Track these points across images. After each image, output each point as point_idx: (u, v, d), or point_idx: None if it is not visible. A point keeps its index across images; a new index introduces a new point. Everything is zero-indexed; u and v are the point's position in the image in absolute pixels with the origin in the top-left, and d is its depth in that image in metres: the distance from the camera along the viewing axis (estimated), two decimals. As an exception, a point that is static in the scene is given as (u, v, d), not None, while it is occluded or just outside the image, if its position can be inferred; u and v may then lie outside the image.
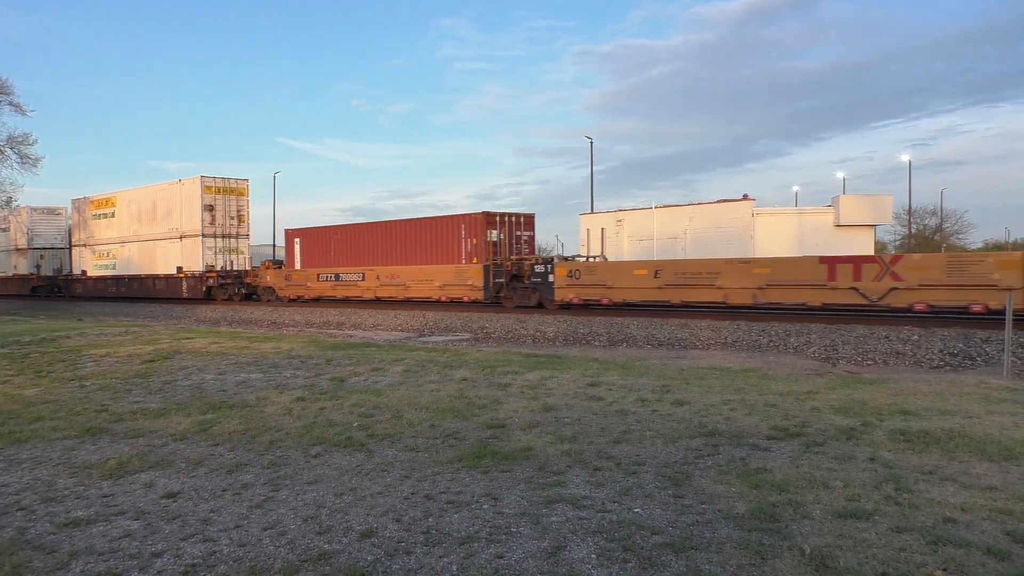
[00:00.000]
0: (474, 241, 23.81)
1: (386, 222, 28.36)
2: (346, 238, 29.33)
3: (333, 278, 27.60)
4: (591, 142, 46.32)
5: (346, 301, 27.21)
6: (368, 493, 4.76)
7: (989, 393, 7.93)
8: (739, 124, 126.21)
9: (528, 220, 25.40)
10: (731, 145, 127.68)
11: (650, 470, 5.11)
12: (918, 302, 14.41)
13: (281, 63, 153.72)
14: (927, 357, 12.39)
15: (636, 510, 4.30)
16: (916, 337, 13.32)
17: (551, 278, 20.52)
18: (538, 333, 17.74)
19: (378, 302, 25.98)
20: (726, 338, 15.17)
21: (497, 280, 22.03)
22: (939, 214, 59.80)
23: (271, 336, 16.42)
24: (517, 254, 23.86)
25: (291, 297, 29.37)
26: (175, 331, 17.85)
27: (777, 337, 14.67)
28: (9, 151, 39.56)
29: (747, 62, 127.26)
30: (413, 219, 27.14)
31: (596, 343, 16.17)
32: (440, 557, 3.69)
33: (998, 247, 53.83)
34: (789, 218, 30.68)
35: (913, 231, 56.62)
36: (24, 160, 40.22)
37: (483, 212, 24.15)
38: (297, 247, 31.71)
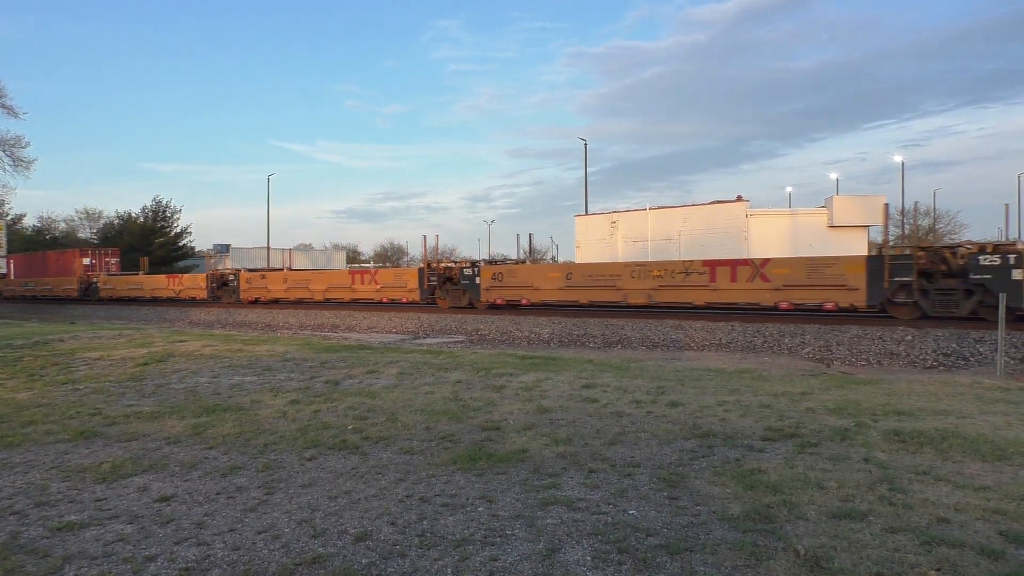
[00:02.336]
0: (75, 263, 40.27)
1: (44, 252, 46.56)
2: (30, 260, 45.41)
3: (23, 285, 43.59)
4: (585, 144, 46.46)
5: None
6: (363, 496, 4.75)
7: (983, 393, 7.96)
8: (732, 125, 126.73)
9: (114, 251, 43.18)
10: (725, 146, 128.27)
11: (645, 472, 5.11)
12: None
13: (274, 64, 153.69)
14: (921, 357, 12.44)
15: (631, 512, 4.30)
16: (910, 338, 13.37)
17: None
18: (533, 335, 17.74)
19: (42, 299, 41.78)
20: (720, 339, 15.20)
21: (83, 285, 38.17)
22: (933, 214, 60.07)
23: (265, 338, 16.38)
24: (106, 271, 39.93)
25: (7, 296, 44.74)
26: (169, 334, 17.79)
27: (771, 338, 14.70)
28: (1, 153, 39.42)
29: (740, 63, 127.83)
30: (55, 251, 45.99)
31: (591, 344, 16.18)
32: (435, 560, 3.68)
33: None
34: (783, 219, 30.77)
35: (906, 232, 56.80)
36: (16, 163, 40.16)
37: (78, 249, 43.37)
38: (11, 264, 45.60)
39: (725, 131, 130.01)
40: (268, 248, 59.58)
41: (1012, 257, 13.98)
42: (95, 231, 64.95)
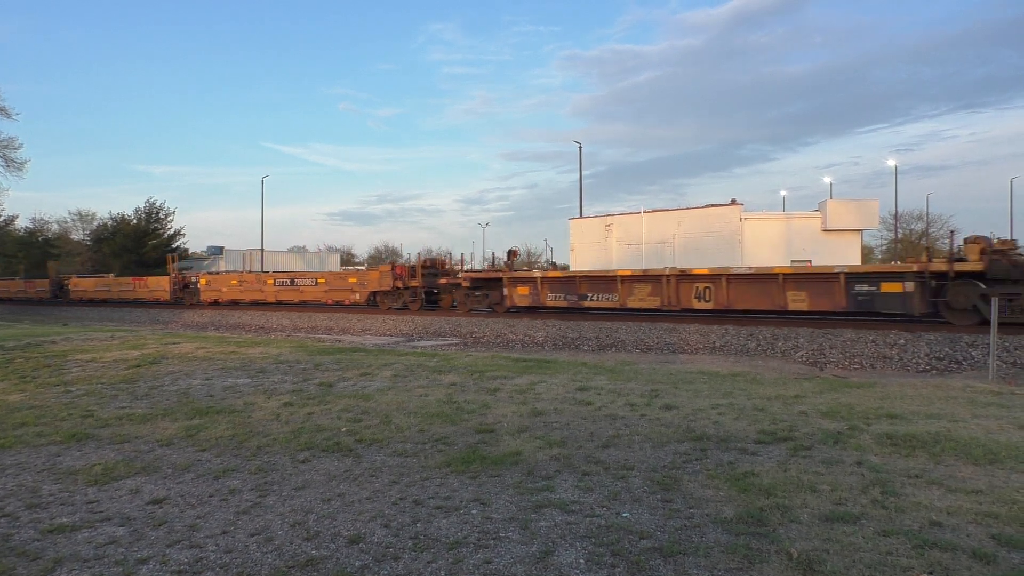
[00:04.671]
0: None
1: None
2: None
3: None
4: (579, 147, 46.50)
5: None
6: (356, 498, 4.74)
7: (975, 397, 8.00)
8: (726, 129, 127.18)
9: None
10: (718, 149, 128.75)
11: (639, 474, 5.12)
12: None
13: (268, 67, 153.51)
14: (913, 361, 12.48)
15: (625, 514, 4.30)
16: (903, 341, 13.42)
17: None
18: (527, 337, 17.73)
19: None
20: (714, 342, 15.22)
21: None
22: (925, 218, 60.36)
23: (259, 341, 16.33)
24: None
25: None
26: (162, 336, 17.72)
27: (765, 341, 14.73)
28: (-7, 155, 39.31)
29: (734, 67, 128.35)
30: None
31: (585, 347, 16.17)
32: (428, 563, 3.67)
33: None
34: (777, 223, 30.86)
35: (899, 235, 57.03)
36: (9, 164, 39.99)
37: None
38: None
39: (718, 135, 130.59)
40: (262, 250, 59.43)
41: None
42: (88, 232, 64.67)
